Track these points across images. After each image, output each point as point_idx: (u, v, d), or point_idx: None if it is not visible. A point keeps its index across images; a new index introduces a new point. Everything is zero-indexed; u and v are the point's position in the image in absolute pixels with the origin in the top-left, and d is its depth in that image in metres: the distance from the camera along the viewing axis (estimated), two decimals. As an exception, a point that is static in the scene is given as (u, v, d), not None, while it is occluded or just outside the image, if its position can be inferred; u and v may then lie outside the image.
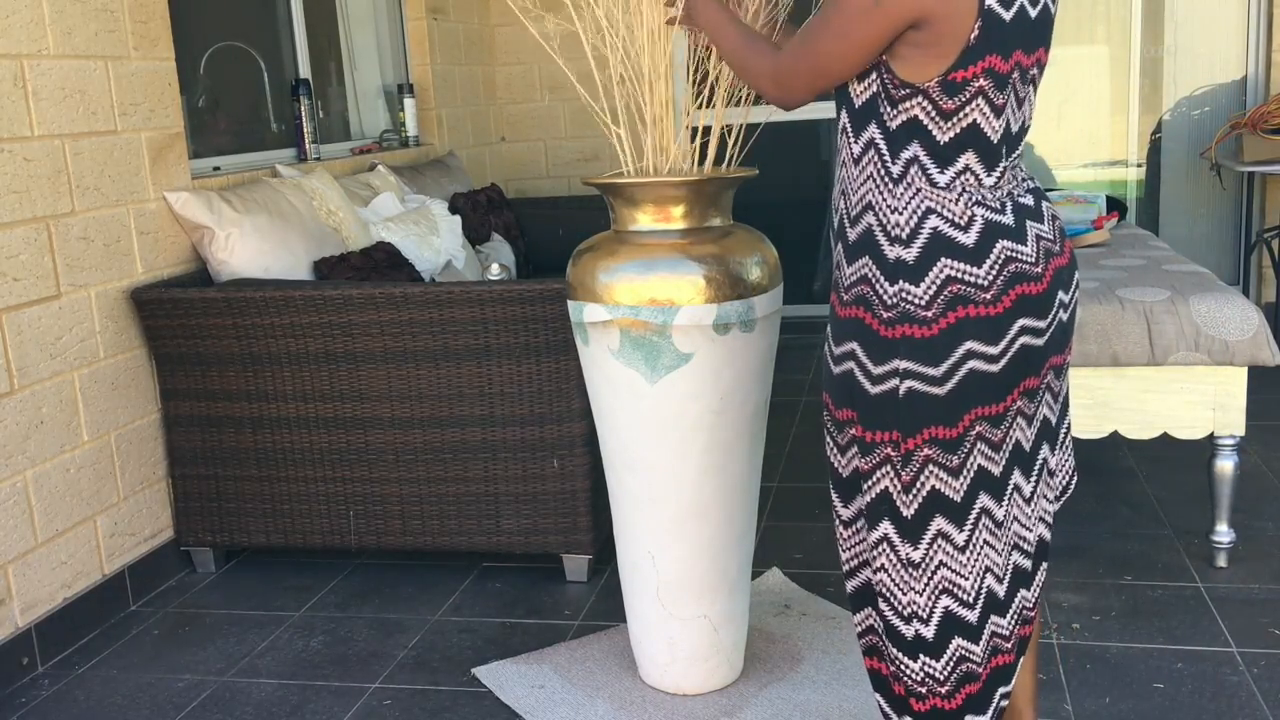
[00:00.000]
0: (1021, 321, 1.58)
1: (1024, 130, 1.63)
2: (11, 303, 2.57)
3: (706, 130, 2.30)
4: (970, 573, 1.65)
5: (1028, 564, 1.71)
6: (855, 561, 1.75)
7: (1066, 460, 1.81)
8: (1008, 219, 1.59)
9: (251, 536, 3.05)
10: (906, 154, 1.59)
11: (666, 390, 2.14)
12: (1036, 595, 1.74)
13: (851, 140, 1.66)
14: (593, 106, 2.28)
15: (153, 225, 3.03)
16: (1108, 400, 2.73)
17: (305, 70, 4.14)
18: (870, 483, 1.66)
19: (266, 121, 3.98)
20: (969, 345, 1.57)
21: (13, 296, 2.57)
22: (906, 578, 1.66)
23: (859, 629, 1.78)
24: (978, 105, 1.55)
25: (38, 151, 2.64)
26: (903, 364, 1.58)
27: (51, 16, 2.69)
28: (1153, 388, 2.71)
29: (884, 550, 1.67)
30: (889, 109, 1.59)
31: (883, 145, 1.61)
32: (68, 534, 2.74)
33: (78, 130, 2.77)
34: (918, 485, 1.62)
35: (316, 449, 2.94)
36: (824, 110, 5.41)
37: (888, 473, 1.64)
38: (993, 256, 1.57)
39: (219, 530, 3.06)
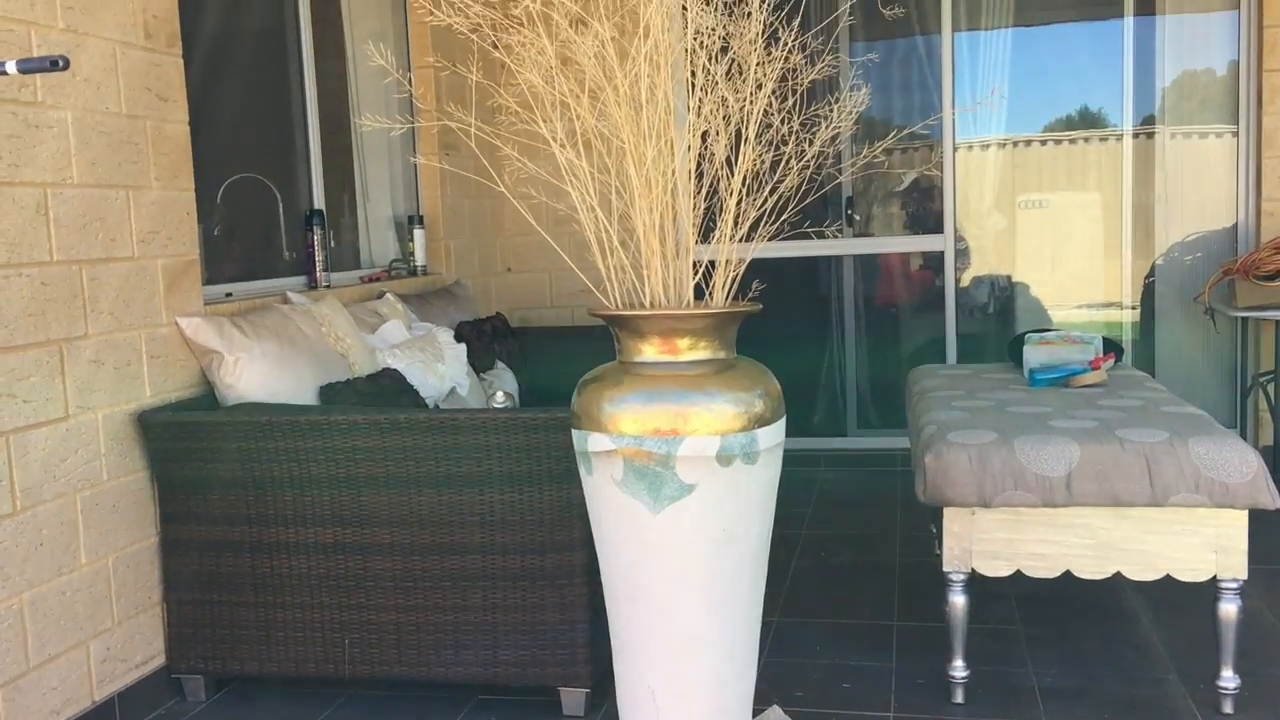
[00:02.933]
0: None
1: None
2: (20, 424, 2.59)
3: (711, 264, 2.35)
4: None
5: None
6: None
7: None
8: None
9: (244, 665, 3.00)
10: None
11: (669, 520, 2.14)
12: None
13: None
14: (594, 239, 2.35)
15: (163, 349, 3.07)
16: (1110, 541, 2.73)
17: (320, 201, 4.24)
18: None
19: (279, 249, 4.07)
20: None
21: (21, 418, 2.60)
22: None
23: None
24: None
25: (55, 276, 2.70)
26: None
27: (77, 147, 2.78)
28: (1154, 529, 2.71)
29: None
30: None
31: None
32: (60, 659, 2.70)
33: (96, 256, 2.83)
34: None
35: (315, 575, 2.92)
36: (824, 248, 5.53)
37: None
38: None
39: (211, 658, 3.02)
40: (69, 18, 2.75)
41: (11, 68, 1.87)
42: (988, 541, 2.79)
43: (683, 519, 2.14)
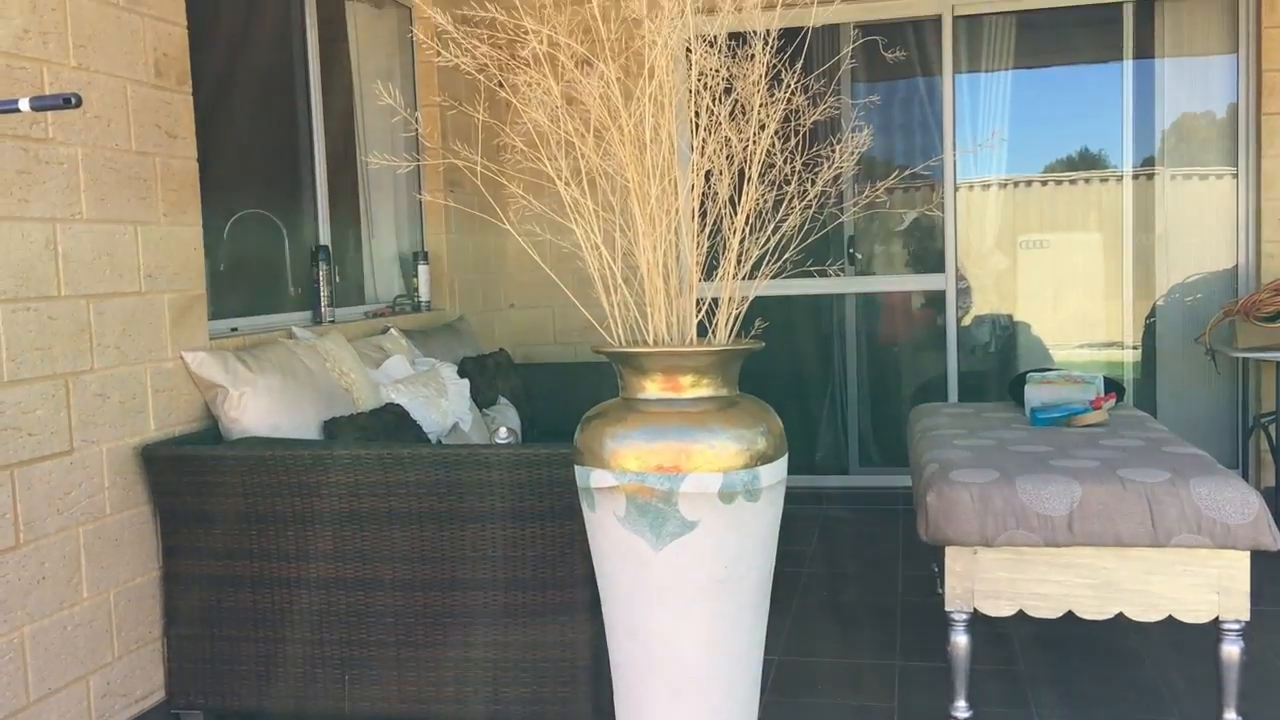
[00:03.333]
0: None
1: None
2: (25, 457, 2.60)
3: (714, 302, 2.37)
4: None
5: None
6: None
7: None
8: None
9: (244, 700, 2.99)
10: None
11: (671, 557, 2.15)
12: None
13: None
14: (599, 276, 2.36)
15: (168, 383, 3.08)
16: (1112, 581, 2.73)
17: (326, 237, 4.27)
18: None
19: (285, 285, 4.10)
20: None
21: (26, 451, 2.61)
22: None
23: None
24: None
25: (63, 310, 2.72)
26: None
27: (86, 183, 2.81)
28: (1156, 569, 2.71)
29: None
30: None
31: None
32: (60, 693, 2.70)
33: (103, 291, 2.86)
34: None
35: (316, 610, 2.92)
36: (827, 286, 5.55)
37: None
38: None
39: (211, 693, 3.01)
40: (81, 55, 2.79)
41: (25, 105, 1.89)
42: (990, 581, 2.79)
43: (685, 556, 2.15)
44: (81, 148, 2.79)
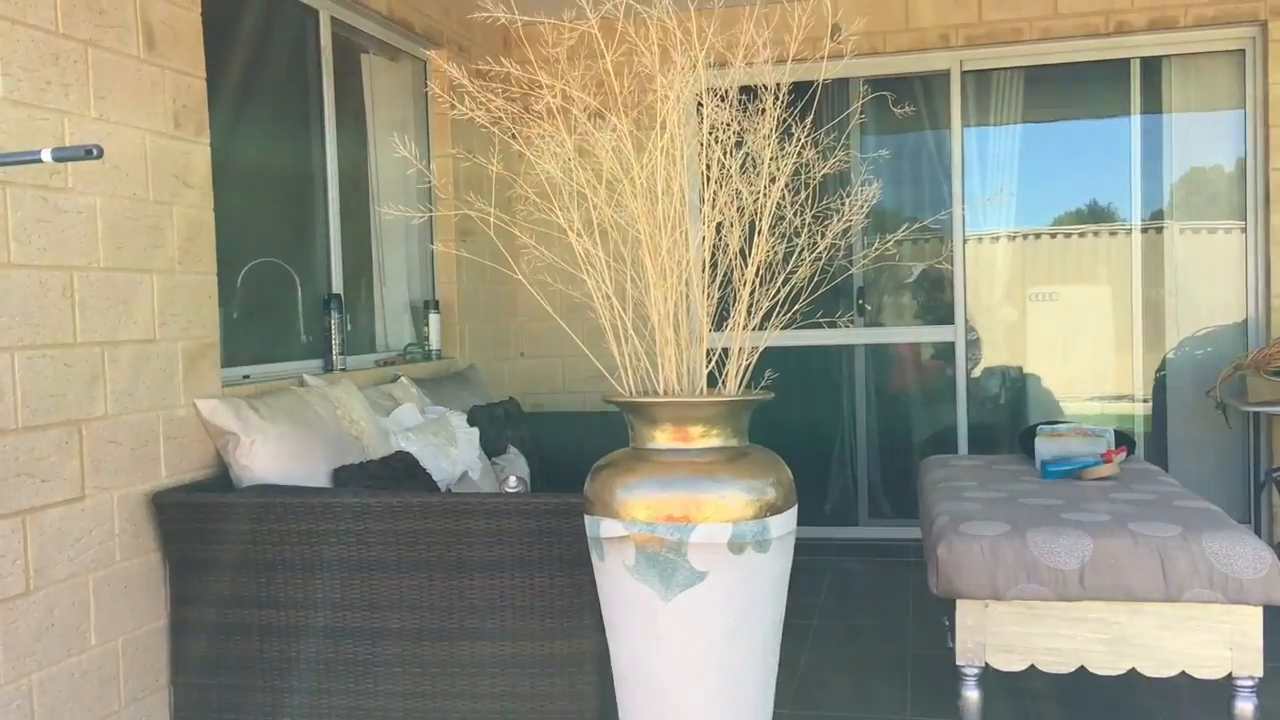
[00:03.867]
0: None
1: None
2: (36, 503, 2.61)
3: (724, 352, 2.38)
4: None
5: None
6: None
7: None
8: None
9: (249, 749, 2.97)
10: None
11: (681, 608, 2.14)
12: None
13: None
14: (609, 326, 2.38)
15: (180, 430, 3.10)
16: (1124, 636, 2.71)
17: (338, 286, 4.31)
18: None
19: (297, 333, 4.12)
20: None
21: (38, 497, 2.62)
22: None
23: None
24: None
25: (78, 357, 2.75)
26: None
27: (104, 232, 2.84)
28: (1169, 624, 2.69)
29: None
30: None
31: None
32: (64, 740, 2.69)
33: (118, 338, 2.88)
34: None
35: (323, 659, 2.91)
36: (836, 337, 5.57)
37: None
38: None
39: (217, 742, 2.99)
40: (101, 107, 2.83)
41: (47, 156, 1.92)
42: (1001, 635, 2.77)
43: (694, 607, 2.14)
44: (100, 197, 2.83)
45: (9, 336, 2.54)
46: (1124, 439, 3.98)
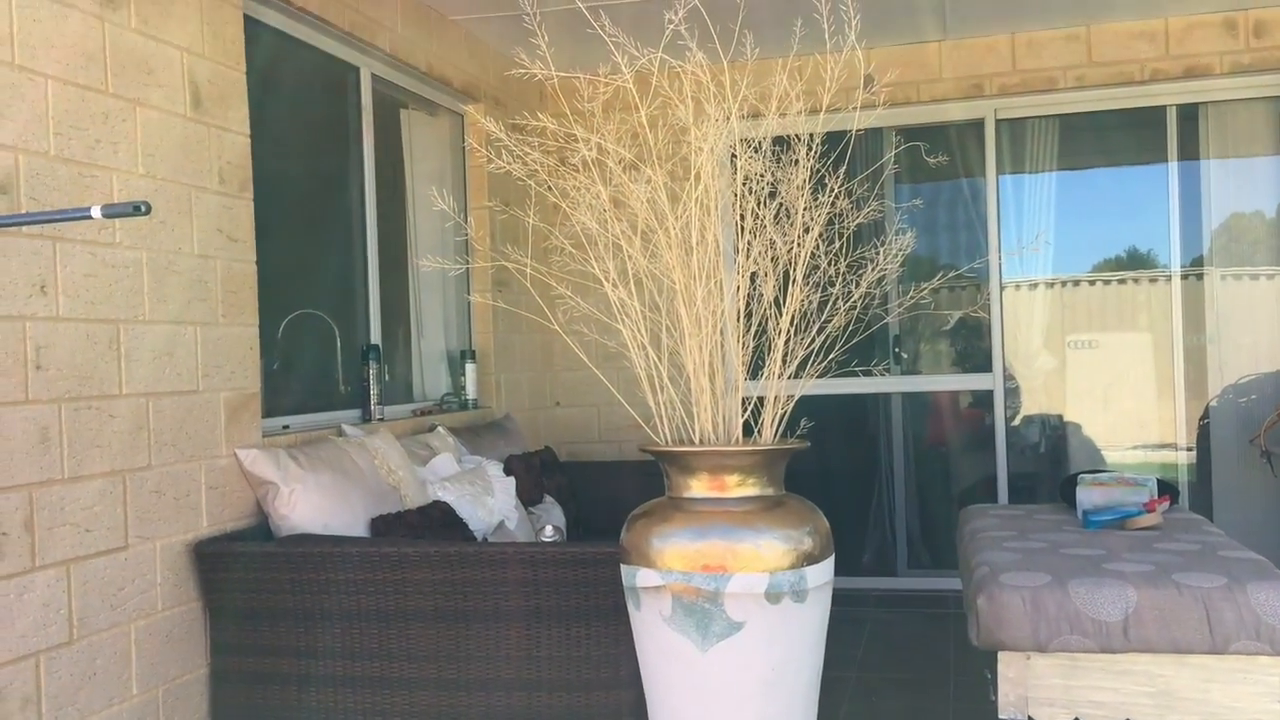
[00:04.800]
0: None
1: None
2: (81, 553, 2.64)
3: (759, 401, 2.39)
4: None
5: None
6: None
7: None
8: None
9: (286, 800, 2.97)
10: None
11: (717, 659, 2.13)
12: None
13: None
14: (645, 375, 2.39)
15: (221, 480, 3.13)
16: (1170, 689, 2.66)
17: (376, 336, 4.36)
18: None
19: (336, 383, 4.17)
20: None
21: (83, 547, 2.65)
22: None
23: None
24: None
25: (123, 409, 2.79)
26: None
27: (150, 286, 2.90)
28: (1215, 677, 2.64)
29: None
30: None
31: None
32: (104, 790, 2.70)
33: (162, 390, 2.93)
34: None
35: (360, 709, 2.91)
36: (872, 385, 5.55)
37: None
38: None
39: (254, 792, 2.99)
40: (149, 164, 2.90)
41: (97, 213, 1.97)
42: (1044, 688, 2.73)
43: (731, 658, 2.13)
44: (146, 251, 2.89)
45: (56, 388, 2.59)
46: (1167, 488, 3.94)
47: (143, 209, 1.90)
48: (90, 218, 1.97)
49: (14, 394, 2.48)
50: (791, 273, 2.42)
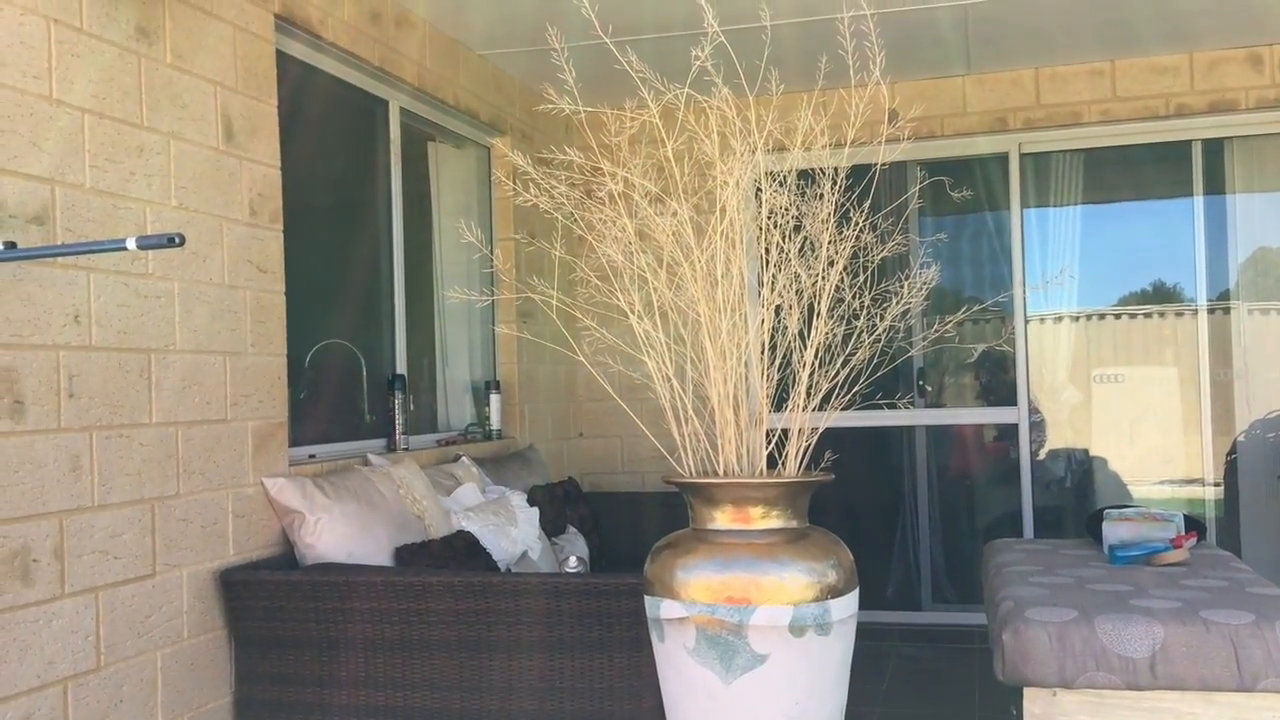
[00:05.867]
0: None
1: None
2: (110, 580, 2.67)
3: (784, 433, 2.39)
4: None
5: None
6: None
7: None
8: None
9: (308, 830, 2.97)
10: None
11: (741, 692, 2.13)
12: None
13: None
14: (669, 407, 2.40)
15: (248, 508, 3.16)
16: (1198, 726, 2.63)
17: (401, 366, 4.39)
18: None
19: (362, 412, 4.19)
20: None
21: (111, 574, 2.68)
22: None
23: None
24: None
25: (153, 438, 2.82)
26: None
27: (181, 316, 2.94)
28: (1243, 715, 2.61)
29: None
30: None
31: None
32: (128, 817, 2.71)
33: (191, 419, 2.96)
34: None
35: (383, 740, 2.91)
36: (896, 418, 5.54)
37: None
38: None
39: (276, 822, 2.99)
40: (181, 196, 2.95)
41: (132, 244, 2.01)
42: (1070, 724, 2.70)
43: (755, 690, 2.12)
44: (178, 282, 2.93)
45: (88, 417, 2.63)
46: (1194, 524, 3.90)
47: (177, 240, 1.93)
48: (125, 249, 2.01)
49: (47, 422, 2.51)
50: (816, 306, 2.43)
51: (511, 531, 3.90)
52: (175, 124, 2.94)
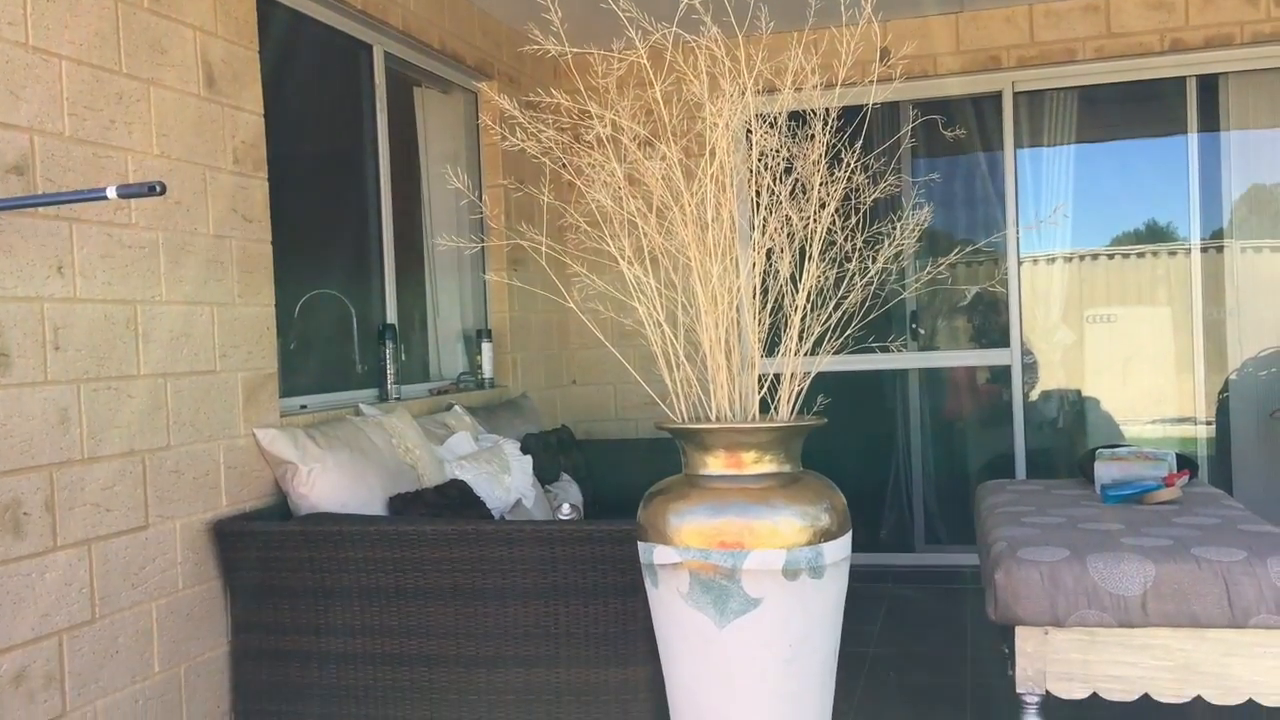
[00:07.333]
0: None
1: None
2: (102, 533, 2.66)
3: (776, 378, 2.38)
4: None
5: None
6: None
7: None
8: None
9: (308, 776, 3.00)
10: None
11: (735, 635, 2.13)
12: None
13: None
14: (661, 353, 2.39)
15: (240, 460, 3.15)
16: (1189, 663, 2.65)
17: (392, 316, 4.36)
18: None
19: (353, 362, 4.18)
20: None
21: (104, 527, 2.67)
22: None
23: None
24: None
25: (141, 389, 2.80)
26: None
27: (166, 266, 2.91)
28: (1235, 651, 2.63)
29: None
30: None
31: None
32: (128, 766, 2.73)
33: (180, 370, 2.94)
34: None
35: (380, 686, 2.93)
36: (889, 361, 5.54)
37: None
38: None
39: (276, 768, 3.02)
40: (163, 144, 2.90)
41: (112, 193, 1.98)
42: (1062, 662, 2.72)
43: (748, 634, 2.13)
44: (162, 232, 2.89)
45: (74, 369, 2.61)
46: (1186, 462, 3.91)
47: (158, 189, 1.90)
48: (106, 198, 1.98)
49: (33, 375, 2.49)
50: (808, 249, 2.41)
51: (505, 480, 3.90)
52: (155, 70, 2.89)
